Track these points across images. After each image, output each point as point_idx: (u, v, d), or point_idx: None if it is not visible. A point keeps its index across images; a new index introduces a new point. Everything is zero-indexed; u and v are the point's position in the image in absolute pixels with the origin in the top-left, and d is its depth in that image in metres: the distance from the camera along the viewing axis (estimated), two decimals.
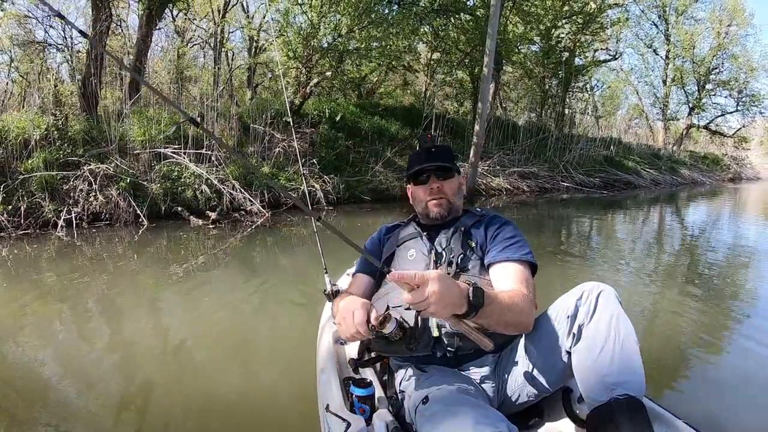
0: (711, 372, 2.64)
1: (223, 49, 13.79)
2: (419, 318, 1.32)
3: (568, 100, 17.13)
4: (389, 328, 1.24)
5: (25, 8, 10.57)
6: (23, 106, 7.63)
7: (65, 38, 11.19)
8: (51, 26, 11.06)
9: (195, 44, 15.31)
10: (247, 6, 14.71)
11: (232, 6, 13.60)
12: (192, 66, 14.56)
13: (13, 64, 10.03)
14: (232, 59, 15.12)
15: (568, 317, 1.32)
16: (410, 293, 1.10)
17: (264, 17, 13.20)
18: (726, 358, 2.84)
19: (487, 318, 1.25)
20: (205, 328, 3.14)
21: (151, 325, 3.23)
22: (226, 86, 11.14)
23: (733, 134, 27.16)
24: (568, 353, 1.32)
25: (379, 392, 1.47)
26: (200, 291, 3.87)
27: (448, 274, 1.50)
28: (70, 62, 9.81)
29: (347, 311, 1.30)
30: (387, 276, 1.11)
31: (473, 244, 1.59)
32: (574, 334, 1.30)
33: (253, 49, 13.57)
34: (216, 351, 2.80)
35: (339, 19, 8.70)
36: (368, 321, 1.27)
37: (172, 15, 13.51)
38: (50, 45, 11.19)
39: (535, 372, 1.40)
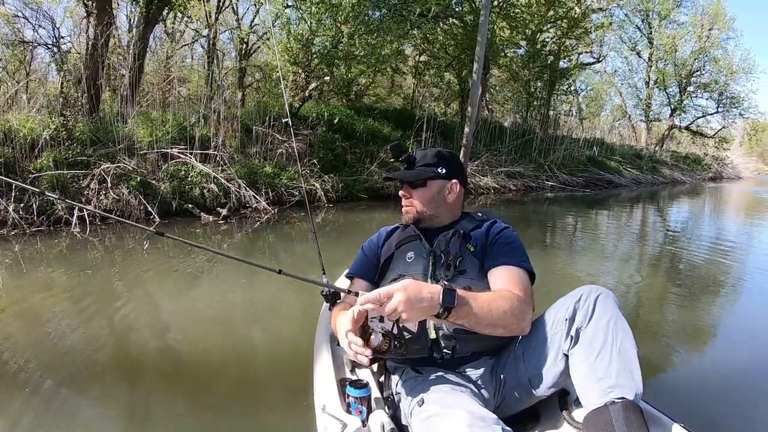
0: (706, 372, 2.67)
1: (216, 51, 13.94)
2: (401, 324, 1.32)
3: (552, 102, 17.58)
4: (375, 342, 1.28)
5: (14, 8, 10.63)
6: (12, 106, 7.73)
7: (55, 38, 11.26)
8: (40, 26, 11.03)
9: (184, 45, 15.39)
10: (237, 7, 14.86)
11: (225, 8, 13.77)
12: (182, 67, 14.65)
13: (0, 64, 10.10)
14: (222, 60, 15.25)
15: (566, 320, 1.32)
16: (381, 307, 1.18)
17: (252, 20, 13.47)
18: (721, 358, 2.87)
19: (465, 318, 1.27)
20: (201, 327, 3.16)
21: (147, 320, 3.26)
22: (219, 88, 11.36)
23: (714, 135, 27.72)
24: (566, 356, 1.33)
25: (375, 393, 1.48)
26: (200, 288, 3.96)
27: (446, 276, 1.53)
28: (59, 63, 9.87)
29: (342, 339, 1.35)
30: (358, 300, 1.20)
31: (472, 248, 1.59)
32: (571, 336, 1.30)
33: (243, 51, 13.72)
34: (212, 350, 2.81)
35: (339, 27, 9.03)
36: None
37: (163, 16, 13.57)
38: (40, 45, 11.19)
39: (533, 374, 1.40)
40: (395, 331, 1.30)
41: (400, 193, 1.71)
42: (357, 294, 1.22)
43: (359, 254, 1.80)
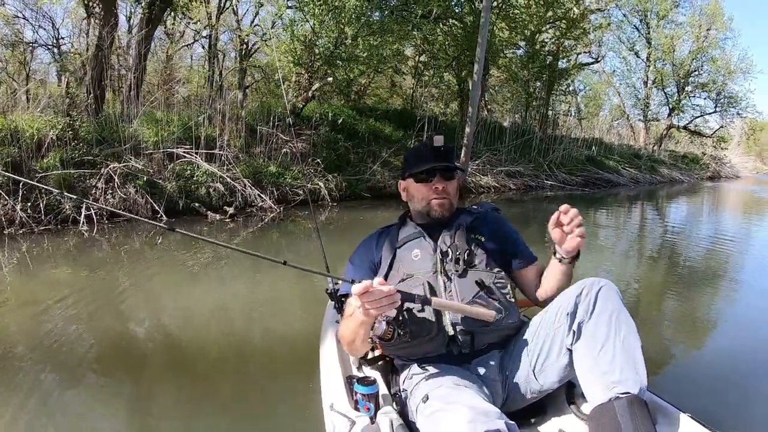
0: (712, 362, 2.69)
1: (217, 52, 14.00)
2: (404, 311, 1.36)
3: (551, 102, 17.65)
4: (379, 330, 1.31)
5: (14, 8, 10.71)
6: (14, 107, 7.75)
7: (55, 39, 11.29)
8: (40, 26, 11.14)
9: (184, 45, 15.45)
10: (237, 8, 14.90)
11: (225, 9, 13.81)
12: (182, 67, 14.67)
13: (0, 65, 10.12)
14: (222, 61, 15.28)
15: (567, 314, 1.32)
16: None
17: (252, 21, 13.52)
18: (726, 346, 2.90)
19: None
20: (207, 325, 3.18)
21: (153, 318, 3.29)
22: (222, 89, 11.41)
23: (712, 134, 27.74)
24: (569, 351, 1.33)
25: (383, 390, 1.47)
26: (206, 286, 3.99)
27: (457, 272, 1.53)
28: (62, 64, 9.89)
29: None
30: (354, 288, 1.21)
31: (483, 238, 1.60)
32: (573, 331, 1.30)
33: (243, 52, 13.76)
34: (218, 348, 2.83)
35: (342, 28, 9.12)
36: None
37: (163, 17, 13.55)
38: (40, 45, 11.28)
39: (538, 369, 1.40)
40: (399, 319, 1.33)
41: (438, 184, 1.62)
42: (353, 281, 1.24)
43: (350, 272, 1.68)
